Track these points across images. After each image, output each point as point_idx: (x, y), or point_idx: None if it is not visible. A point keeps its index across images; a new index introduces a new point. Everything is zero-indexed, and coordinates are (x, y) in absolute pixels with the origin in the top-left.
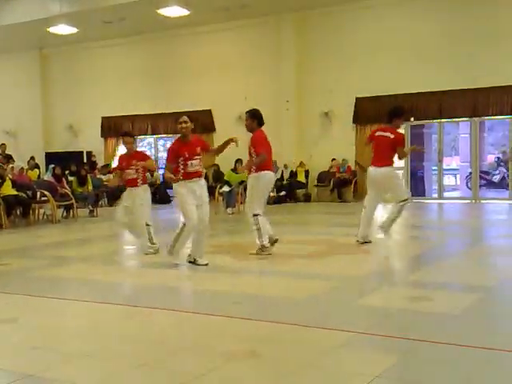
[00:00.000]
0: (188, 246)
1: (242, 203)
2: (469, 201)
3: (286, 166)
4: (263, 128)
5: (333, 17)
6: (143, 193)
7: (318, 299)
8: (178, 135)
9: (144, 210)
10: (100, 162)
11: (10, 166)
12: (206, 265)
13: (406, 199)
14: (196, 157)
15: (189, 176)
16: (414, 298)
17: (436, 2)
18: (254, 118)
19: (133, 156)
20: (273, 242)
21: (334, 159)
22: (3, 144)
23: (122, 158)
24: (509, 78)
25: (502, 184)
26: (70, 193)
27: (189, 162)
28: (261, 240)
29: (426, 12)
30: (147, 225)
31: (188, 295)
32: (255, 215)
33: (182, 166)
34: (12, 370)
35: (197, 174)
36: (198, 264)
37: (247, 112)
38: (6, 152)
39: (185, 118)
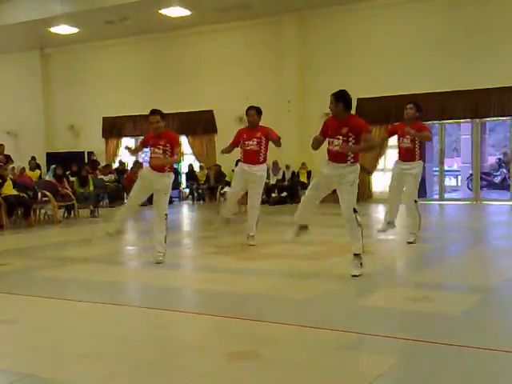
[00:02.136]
0: None
1: (243, 204)
2: (470, 202)
3: (287, 167)
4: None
5: (334, 17)
6: None
7: (320, 300)
8: (181, 135)
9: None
10: (101, 162)
11: (11, 166)
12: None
13: None
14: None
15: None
16: (415, 299)
17: (438, 3)
18: (340, 101)
19: None
20: None
21: None
22: (1, 144)
23: None
24: (510, 79)
25: (503, 185)
26: (71, 193)
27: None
28: None
29: (428, 12)
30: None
31: (189, 296)
32: None
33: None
34: (12, 371)
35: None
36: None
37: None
38: (5, 152)
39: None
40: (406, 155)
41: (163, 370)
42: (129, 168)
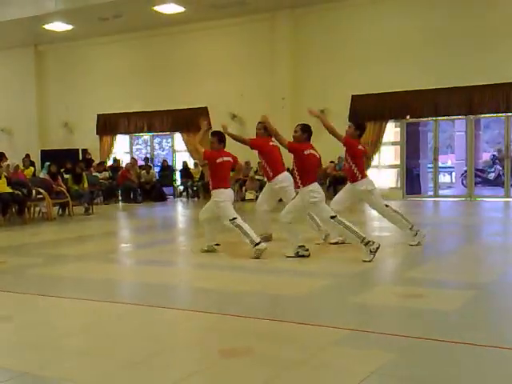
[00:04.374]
0: None
1: (236, 201)
2: (464, 199)
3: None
4: None
5: (328, 14)
6: None
7: (314, 297)
8: (176, 133)
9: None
10: (96, 160)
11: (6, 163)
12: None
13: None
14: None
15: None
16: (408, 296)
17: (432, 0)
18: (305, 132)
19: None
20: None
21: (331, 161)
22: None
23: None
24: (504, 76)
25: (497, 182)
26: (65, 190)
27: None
28: None
29: (422, 10)
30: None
31: (184, 293)
32: None
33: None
34: (7, 368)
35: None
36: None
37: (299, 124)
38: None
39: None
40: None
41: (158, 367)
42: (123, 165)
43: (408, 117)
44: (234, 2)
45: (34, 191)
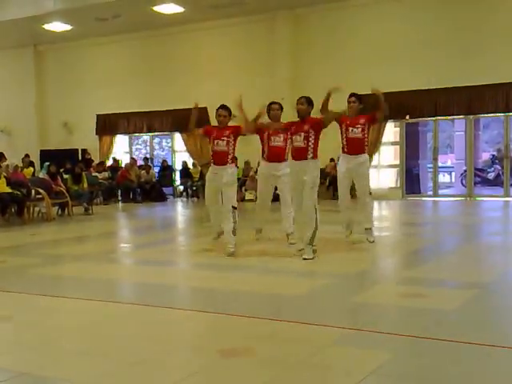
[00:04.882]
0: None
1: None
2: (464, 198)
3: None
4: None
5: (328, 14)
6: None
7: (314, 296)
8: (175, 133)
9: None
10: (95, 160)
11: (6, 163)
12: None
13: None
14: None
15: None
16: (408, 295)
17: (433, 1)
18: (310, 105)
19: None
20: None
21: (332, 160)
22: None
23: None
24: (503, 76)
25: (496, 181)
26: (64, 191)
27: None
28: None
29: (422, 9)
30: None
31: (185, 293)
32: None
33: None
34: (6, 368)
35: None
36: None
37: (302, 97)
38: None
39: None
40: (355, 147)
41: (159, 367)
42: (123, 165)
43: (407, 117)
44: (233, 2)
45: (33, 191)
